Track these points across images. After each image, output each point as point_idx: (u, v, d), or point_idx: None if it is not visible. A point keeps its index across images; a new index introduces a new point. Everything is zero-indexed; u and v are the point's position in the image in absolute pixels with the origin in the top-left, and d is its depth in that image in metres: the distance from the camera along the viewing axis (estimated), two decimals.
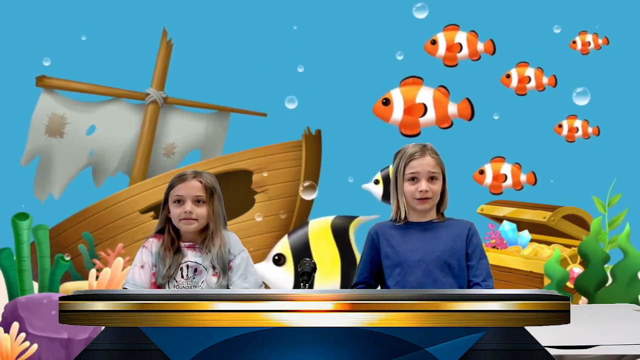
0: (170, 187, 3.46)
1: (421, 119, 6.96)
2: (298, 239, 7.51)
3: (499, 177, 8.15)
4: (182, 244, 3.46)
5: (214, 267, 3.42)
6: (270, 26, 10.27)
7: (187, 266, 3.42)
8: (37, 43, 9.77)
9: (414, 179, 3.42)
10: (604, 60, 9.16)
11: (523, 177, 8.16)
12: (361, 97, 8.18)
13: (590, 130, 8.73)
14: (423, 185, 3.40)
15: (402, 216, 3.47)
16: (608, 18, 9.31)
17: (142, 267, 3.44)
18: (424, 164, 3.42)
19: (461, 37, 7.76)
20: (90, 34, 9.65)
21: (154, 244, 3.48)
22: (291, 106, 8.58)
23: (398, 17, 9.88)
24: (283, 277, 7.43)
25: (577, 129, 8.71)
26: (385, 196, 7.01)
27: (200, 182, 3.44)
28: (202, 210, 3.42)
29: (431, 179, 3.42)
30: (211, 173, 3.55)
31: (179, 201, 3.43)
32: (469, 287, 3.43)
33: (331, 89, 10.06)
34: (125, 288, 3.39)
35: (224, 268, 3.43)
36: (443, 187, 3.47)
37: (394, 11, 10.07)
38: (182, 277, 3.40)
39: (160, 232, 3.51)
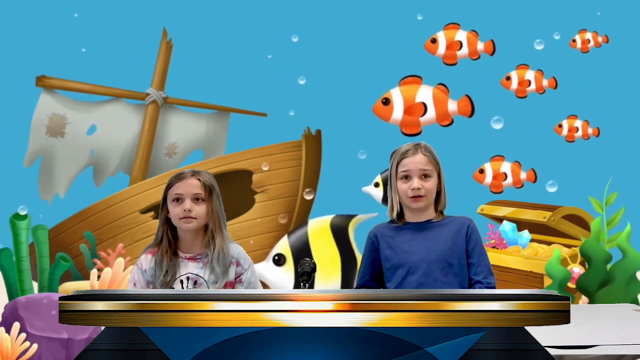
0: (169, 186, 3.42)
1: (421, 118, 6.96)
2: (298, 238, 7.51)
3: (499, 176, 8.14)
4: (183, 255, 3.41)
5: (215, 282, 3.37)
6: (269, 26, 10.27)
7: (188, 278, 3.38)
8: (37, 43, 9.77)
9: (406, 177, 3.40)
10: (604, 59, 9.16)
11: (523, 175, 8.16)
12: (361, 97, 8.19)
13: (590, 130, 8.73)
14: (415, 182, 3.38)
15: (395, 215, 3.46)
16: (608, 17, 9.31)
17: (135, 285, 3.42)
18: (416, 161, 3.39)
19: (461, 35, 7.76)
20: (91, 35, 9.65)
21: (146, 260, 3.42)
22: (292, 112, 8.63)
23: (397, 17, 9.87)
24: (283, 277, 7.43)
25: (577, 129, 8.71)
26: (385, 199, 7.01)
27: (199, 180, 3.40)
28: (201, 209, 3.38)
29: (424, 176, 3.39)
30: (210, 172, 3.52)
31: (178, 199, 3.38)
32: (470, 285, 3.41)
33: (331, 90, 10.07)
34: None
35: (224, 270, 3.39)
36: (439, 185, 3.45)
37: (394, 12, 10.07)
38: (182, 288, 3.35)
39: (158, 244, 3.46)
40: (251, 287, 3.42)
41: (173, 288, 3.35)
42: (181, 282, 3.37)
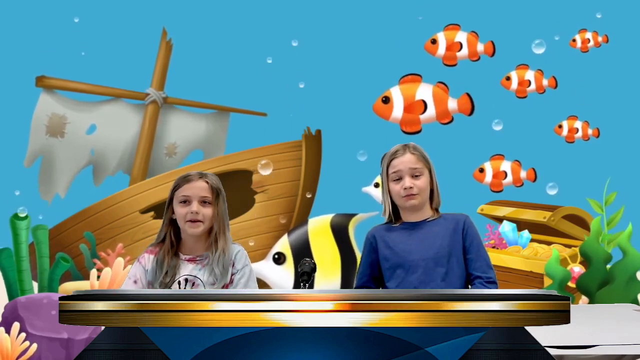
0: (176, 188, 3.41)
1: (421, 116, 6.96)
2: (298, 237, 7.51)
3: (499, 175, 8.15)
4: (183, 257, 3.41)
5: (213, 283, 3.36)
6: (269, 25, 10.27)
7: (186, 280, 3.37)
8: (38, 43, 9.78)
9: (398, 178, 3.44)
10: (604, 59, 9.16)
11: (523, 174, 8.16)
12: (361, 98, 8.19)
13: (590, 131, 8.73)
14: (407, 182, 3.42)
15: (387, 217, 3.51)
16: (608, 17, 9.31)
17: (135, 282, 3.40)
18: (405, 161, 3.45)
19: (461, 36, 7.76)
20: (91, 34, 9.65)
21: (149, 260, 3.42)
22: (291, 112, 8.64)
23: (398, 18, 9.87)
24: (283, 276, 7.44)
25: (577, 130, 8.71)
26: None
27: (207, 182, 3.41)
28: (208, 211, 3.38)
29: (415, 176, 3.43)
30: (215, 174, 3.52)
31: (185, 201, 3.38)
32: (470, 280, 3.43)
33: (331, 90, 10.07)
34: None
35: (223, 272, 3.37)
36: (432, 183, 3.48)
37: (394, 13, 10.07)
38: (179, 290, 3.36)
39: (160, 243, 3.46)
40: (240, 287, 3.39)
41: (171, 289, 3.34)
42: (179, 283, 3.36)
